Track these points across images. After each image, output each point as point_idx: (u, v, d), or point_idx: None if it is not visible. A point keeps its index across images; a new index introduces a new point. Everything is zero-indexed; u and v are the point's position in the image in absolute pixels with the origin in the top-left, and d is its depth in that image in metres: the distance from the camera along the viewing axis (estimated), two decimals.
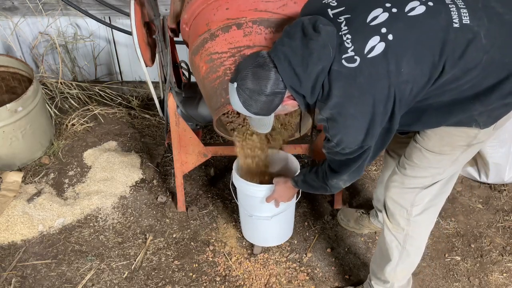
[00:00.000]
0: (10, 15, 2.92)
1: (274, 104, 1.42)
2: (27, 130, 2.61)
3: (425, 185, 1.63)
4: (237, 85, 1.41)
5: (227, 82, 1.79)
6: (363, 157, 1.50)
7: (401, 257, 1.81)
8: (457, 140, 1.50)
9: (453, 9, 1.31)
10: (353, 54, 1.30)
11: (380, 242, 1.88)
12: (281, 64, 1.35)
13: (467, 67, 1.31)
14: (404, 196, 1.68)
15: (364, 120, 1.36)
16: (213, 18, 1.81)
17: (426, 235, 1.82)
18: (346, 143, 1.42)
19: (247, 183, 2.03)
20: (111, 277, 2.19)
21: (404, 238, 1.76)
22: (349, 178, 1.61)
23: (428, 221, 1.77)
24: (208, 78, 1.86)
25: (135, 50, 2.02)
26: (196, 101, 2.33)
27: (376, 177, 2.70)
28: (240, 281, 2.17)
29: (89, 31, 3.03)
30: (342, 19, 1.35)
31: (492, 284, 2.17)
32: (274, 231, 2.22)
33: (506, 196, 2.58)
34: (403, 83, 1.32)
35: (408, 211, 1.69)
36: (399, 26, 1.30)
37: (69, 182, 2.64)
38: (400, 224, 1.73)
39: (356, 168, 1.55)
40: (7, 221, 2.38)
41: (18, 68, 2.80)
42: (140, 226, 2.42)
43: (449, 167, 1.59)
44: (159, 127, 3.02)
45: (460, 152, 1.54)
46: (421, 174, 1.62)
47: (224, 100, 1.78)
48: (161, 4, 2.79)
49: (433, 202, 1.69)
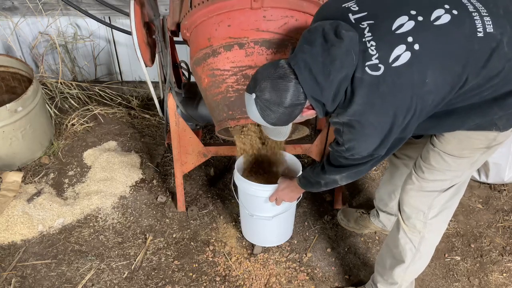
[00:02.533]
0: (10, 15, 2.92)
1: (294, 115, 1.39)
2: (27, 130, 2.61)
3: (443, 188, 1.61)
4: (256, 96, 1.37)
5: (229, 99, 1.82)
6: (368, 164, 1.49)
7: (414, 259, 1.79)
8: (477, 143, 1.48)
9: (476, 18, 1.28)
10: (377, 62, 1.27)
11: (390, 245, 1.85)
12: (301, 74, 1.32)
13: (489, 75, 1.30)
14: (422, 199, 1.66)
15: (382, 130, 1.34)
16: (214, 34, 1.82)
17: (440, 236, 1.81)
18: (358, 151, 1.41)
19: (249, 182, 2.03)
20: (111, 277, 2.19)
21: (420, 241, 1.74)
22: (347, 177, 1.60)
23: (443, 223, 1.76)
24: (210, 91, 1.88)
25: (135, 50, 2.02)
26: (196, 101, 2.33)
27: (376, 177, 2.70)
28: (240, 281, 2.17)
29: (89, 31, 3.03)
30: (365, 25, 1.31)
31: (492, 284, 2.17)
32: (274, 231, 2.22)
33: (506, 196, 2.58)
34: (426, 94, 1.29)
35: (425, 214, 1.67)
36: (426, 35, 1.27)
37: (69, 182, 2.64)
38: (417, 226, 1.71)
39: (358, 171, 1.53)
40: (7, 221, 2.38)
41: (18, 68, 2.80)
42: (140, 226, 2.42)
43: (468, 169, 1.57)
44: (159, 127, 3.02)
45: (479, 154, 1.52)
46: (440, 178, 1.59)
47: (226, 115, 1.82)
48: (161, 4, 2.79)
49: (449, 203, 1.68)
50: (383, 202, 2.20)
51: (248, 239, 2.32)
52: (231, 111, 1.83)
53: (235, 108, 1.82)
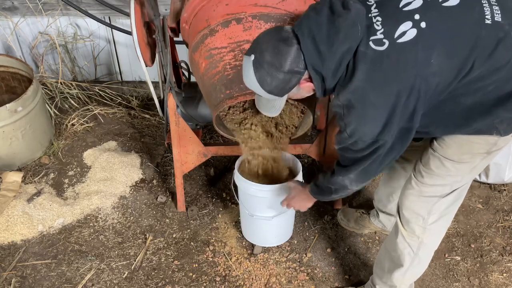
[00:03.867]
0: (10, 15, 2.92)
1: (291, 84, 1.34)
2: (27, 130, 2.61)
3: (443, 194, 1.59)
4: (254, 58, 1.31)
5: (226, 77, 1.78)
6: (375, 155, 1.40)
7: (412, 263, 1.78)
8: (477, 148, 1.46)
9: (485, 5, 1.26)
10: (382, 37, 1.24)
11: (388, 248, 1.83)
12: (304, 41, 1.27)
13: (495, 66, 1.27)
14: (422, 204, 1.63)
15: (384, 110, 1.28)
16: (212, 14, 1.81)
17: (439, 241, 1.79)
18: (360, 135, 1.34)
19: (249, 182, 2.02)
20: (111, 277, 2.19)
21: (418, 246, 1.72)
22: (357, 178, 1.51)
23: (443, 228, 1.74)
24: (207, 74, 1.85)
25: (135, 50, 2.02)
26: (196, 101, 2.33)
27: (376, 177, 2.70)
28: (240, 281, 2.17)
29: (89, 31, 3.03)
30: (372, 2, 1.30)
31: (492, 284, 2.17)
32: (274, 231, 2.22)
33: (506, 196, 2.58)
34: (430, 75, 1.25)
35: (425, 219, 1.65)
36: (433, 15, 1.25)
37: (69, 182, 2.64)
38: (416, 232, 1.69)
39: (366, 167, 1.45)
40: (7, 221, 2.37)
41: (18, 68, 2.80)
42: (140, 226, 2.42)
43: (467, 174, 1.55)
44: (159, 127, 3.02)
45: (479, 160, 1.50)
46: (440, 182, 1.57)
47: (223, 95, 1.76)
48: (161, 4, 2.79)
49: (449, 209, 1.66)
50: (382, 203, 2.20)
51: (248, 239, 2.32)
52: (229, 90, 1.77)
53: (233, 86, 1.76)
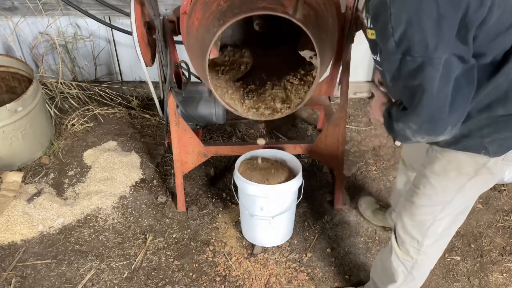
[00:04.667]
0: (10, 15, 2.92)
1: None
2: (27, 130, 2.61)
3: (435, 216, 1.54)
4: None
5: (220, 11, 1.72)
6: (435, 83, 1.15)
7: (405, 280, 1.77)
8: (464, 166, 1.41)
9: None
10: None
11: (384, 261, 1.83)
12: None
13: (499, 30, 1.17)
14: (416, 227, 1.61)
15: (430, 8, 1.09)
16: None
17: (434, 262, 1.77)
18: (411, 42, 1.12)
19: (249, 182, 2.03)
20: (111, 277, 2.19)
21: (412, 265, 1.71)
22: (420, 128, 1.24)
23: (438, 251, 1.72)
24: (201, 25, 1.78)
25: (135, 50, 2.02)
26: (196, 101, 2.33)
27: (376, 177, 2.70)
28: (240, 281, 2.17)
29: (89, 31, 3.03)
30: None
31: (492, 284, 2.17)
32: (274, 231, 2.22)
33: (506, 196, 2.59)
34: None
35: (419, 242, 1.63)
36: None
37: (69, 182, 2.64)
38: (410, 253, 1.67)
39: (429, 108, 1.19)
40: (7, 221, 2.37)
41: (18, 68, 2.80)
42: (140, 226, 2.42)
43: (455, 195, 1.49)
44: (159, 127, 3.03)
45: (466, 180, 1.44)
46: (428, 203, 1.53)
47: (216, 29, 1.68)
48: (161, 4, 2.79)
49: (445, 233, 1.62)
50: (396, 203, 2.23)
51: (248, 239, 2.32)
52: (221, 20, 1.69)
53: (226, 13, 1.70)
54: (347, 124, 2.94)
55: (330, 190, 2.60)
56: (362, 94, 3.28)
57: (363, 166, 2.77)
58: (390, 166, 2.76)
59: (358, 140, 2.95)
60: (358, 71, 3.18)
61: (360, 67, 3.16)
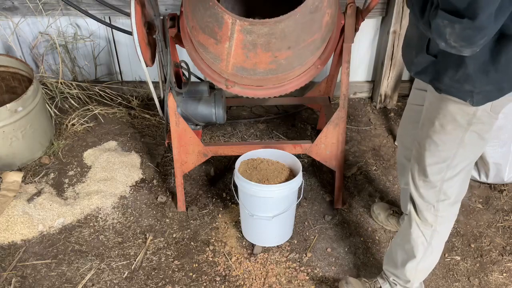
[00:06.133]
0: (10, 15, 2.92)
1: None
2: (27, 130, 2.61)
3: (443, 176, 1.64)
4: None
5: None
6: None
7: (425, 253, 1.82)
8: (457, 118, 1.51)
9: None
10: None
11: (401, 241, 1.87)
12: None
13: None
14: (429, 191, 1.70)
15: None
16: None
17: (449, 231, 1.84)
18: None
19: (249, 182, 2.03)
20: (111, 277, 2.19)
21: (432, 234, 1.78)
22: (455, 31, 1.23)
23: (452, 216, 1.80)
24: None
25: (136, 50, 2.02)
26: (196, 101, 2.33)
27: (376, 177, 2.70)
28: (240, 281, 2.17)
29: (89, 31, 3.03)
30: None
31: (492, 284, 2.17)
32: (274, 231, 2.23)
33: (506, 196, 2.59)
34: None
35: (435, 207, 1.72)
36: None
37: (69, 182, 2.64)
38: (428, 220, 1.75)
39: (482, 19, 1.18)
40: (7, 221, 2.38)
41: (18, 68, 2.80)
42: (140, 226, 2.42)
43: (456, 150, 1.58)
44: (159, 127, 3.03)
45: (462, 132, 1.54)
46: (434, 160, 1.63)
47: None
48: (161, 4, 2.79)
49: (455, 198, 1.71)
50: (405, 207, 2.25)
51: (248, 239, 2.32)
52: None
53: None
54: (347, 124, 2.94)
55: (330, 190, 2.60)
56: (362, 94, 3.28)
57: (363, 166, 2.77)
58: (390, 166, 2.76)
59: (358, 140, 2.95)
60: (358, 71, 3.18)
61: (360, 67, 3.16)
